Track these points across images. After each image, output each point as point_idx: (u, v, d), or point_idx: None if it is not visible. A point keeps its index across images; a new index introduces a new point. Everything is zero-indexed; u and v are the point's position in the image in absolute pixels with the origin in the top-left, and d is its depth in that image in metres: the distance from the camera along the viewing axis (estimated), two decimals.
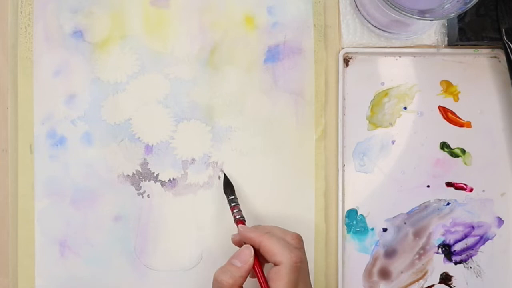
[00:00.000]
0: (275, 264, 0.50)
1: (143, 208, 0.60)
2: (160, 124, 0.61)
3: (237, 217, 0.55)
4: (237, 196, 0.57)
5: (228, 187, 0.58)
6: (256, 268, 0.51)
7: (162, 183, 0.60)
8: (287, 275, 0.49)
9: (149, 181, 0.60)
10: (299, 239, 0.53)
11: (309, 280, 0.52)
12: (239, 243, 0.54)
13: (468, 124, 0.62)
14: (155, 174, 0.60)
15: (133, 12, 0.61)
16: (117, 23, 0.61)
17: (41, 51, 0.60)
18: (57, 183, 0.60)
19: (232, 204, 0.56)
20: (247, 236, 0.52)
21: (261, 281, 0.51)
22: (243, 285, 0.51)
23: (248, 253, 0.51)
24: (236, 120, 0.61)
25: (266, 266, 0.53)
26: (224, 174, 0.59)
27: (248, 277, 0.52)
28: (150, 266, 0.60)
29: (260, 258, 0.52)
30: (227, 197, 0.57)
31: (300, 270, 0.50)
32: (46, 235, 0.60)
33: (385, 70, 0.62)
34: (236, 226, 0.55)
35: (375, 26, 0.60)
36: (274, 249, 0.50)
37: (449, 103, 0.62)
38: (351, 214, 0.61)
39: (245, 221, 0.55)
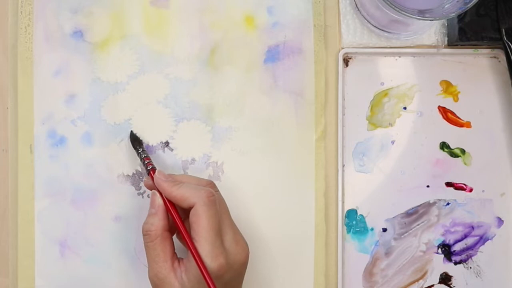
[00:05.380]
0: (191, 209, 0.52)
1: (143, 208, 0.60)
2: (160, 124, 0.61)
3: (149, 167, 0.56)
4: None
5: (136, 141, 0.59)
6: (168, 209, 0.53)
7: None
8: (204, 211, 0.51)
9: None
10: (211, 182, 0.55)
11: (231, 219, 0.54)
12: (152, 187, 0.55)
13: (467, 124, 0.62)
14: None
15: (133, 12, 0.61)
16: (117, 23, 0.61)
17: (41, 51, 0.60)
18: (57, 183, 0.60)
19: (144, 156, 0.57)
20: (161, 186, 0.53)
21: (175, 219, 0.52)
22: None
23: (156, 198, 0.53)
24: (236, 120, 0.61)
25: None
26: (131, 131, 0.60)
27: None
28: None
29: (182, 213, 0.53)
30: (137, 151, 0.58)
31: (215, 203, 0.52)
32: (46, 235, 0.60)
33: (385, 70, 0.62)
34: (148, 175, 0.56)
35: (375, 26, 0.60)
36: (185, 194, 0.52)
37: (448, 103, 0.62)
38: (351, 214, 0.61)
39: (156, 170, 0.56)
